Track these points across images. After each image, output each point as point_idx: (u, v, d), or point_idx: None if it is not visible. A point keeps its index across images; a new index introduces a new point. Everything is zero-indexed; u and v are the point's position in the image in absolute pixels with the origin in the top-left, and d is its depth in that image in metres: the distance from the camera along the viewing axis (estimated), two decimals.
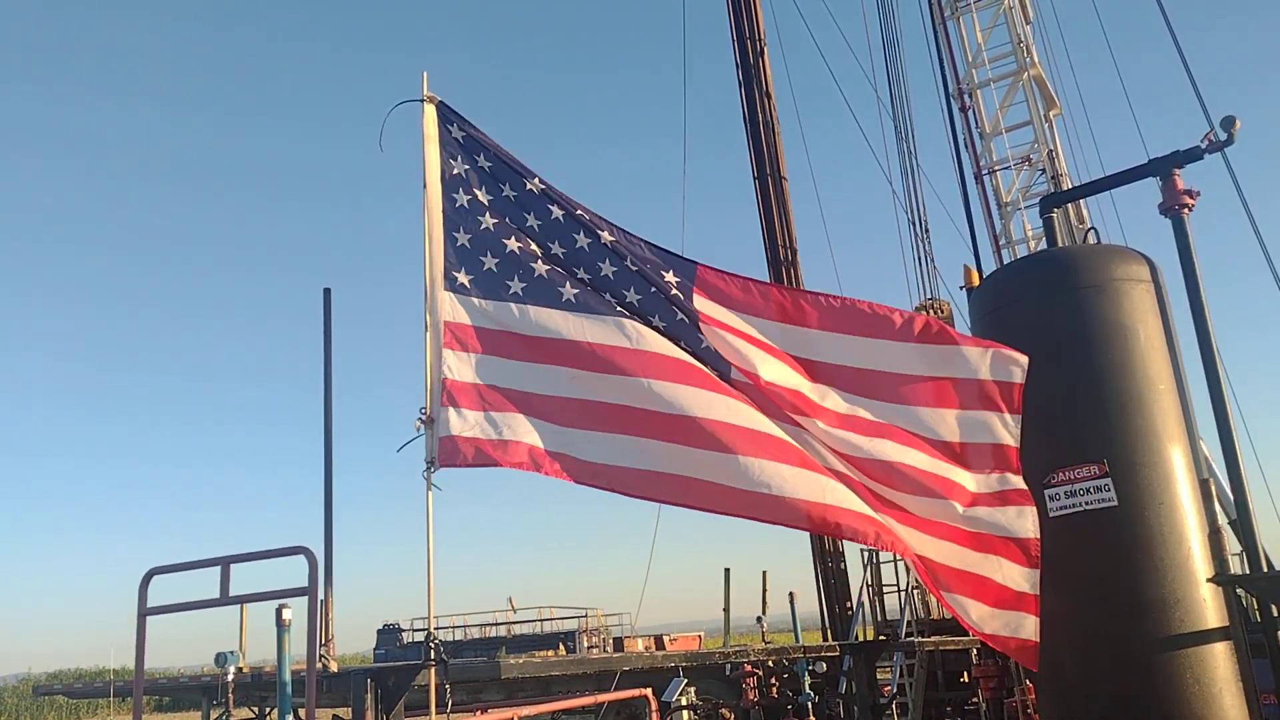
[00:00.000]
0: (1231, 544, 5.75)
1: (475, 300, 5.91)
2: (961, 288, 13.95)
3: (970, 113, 16.48)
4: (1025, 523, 5.76)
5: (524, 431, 5.71)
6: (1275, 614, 5.42)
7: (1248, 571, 5.72)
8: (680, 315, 6.21)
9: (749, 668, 12.50)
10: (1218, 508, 5.74)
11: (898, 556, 11.39)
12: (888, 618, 15.20)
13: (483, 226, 6.05)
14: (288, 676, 5.43)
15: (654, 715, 9.99)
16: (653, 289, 6.19)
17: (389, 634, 34.97)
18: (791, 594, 16.01)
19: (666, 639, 27.95)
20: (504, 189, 6.20)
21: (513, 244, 6.04)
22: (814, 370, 6.05)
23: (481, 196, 6.12)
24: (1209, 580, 5.48)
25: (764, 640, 15.27)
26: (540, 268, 5.99)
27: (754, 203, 17.13)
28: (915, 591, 15.88)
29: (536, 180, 6.30)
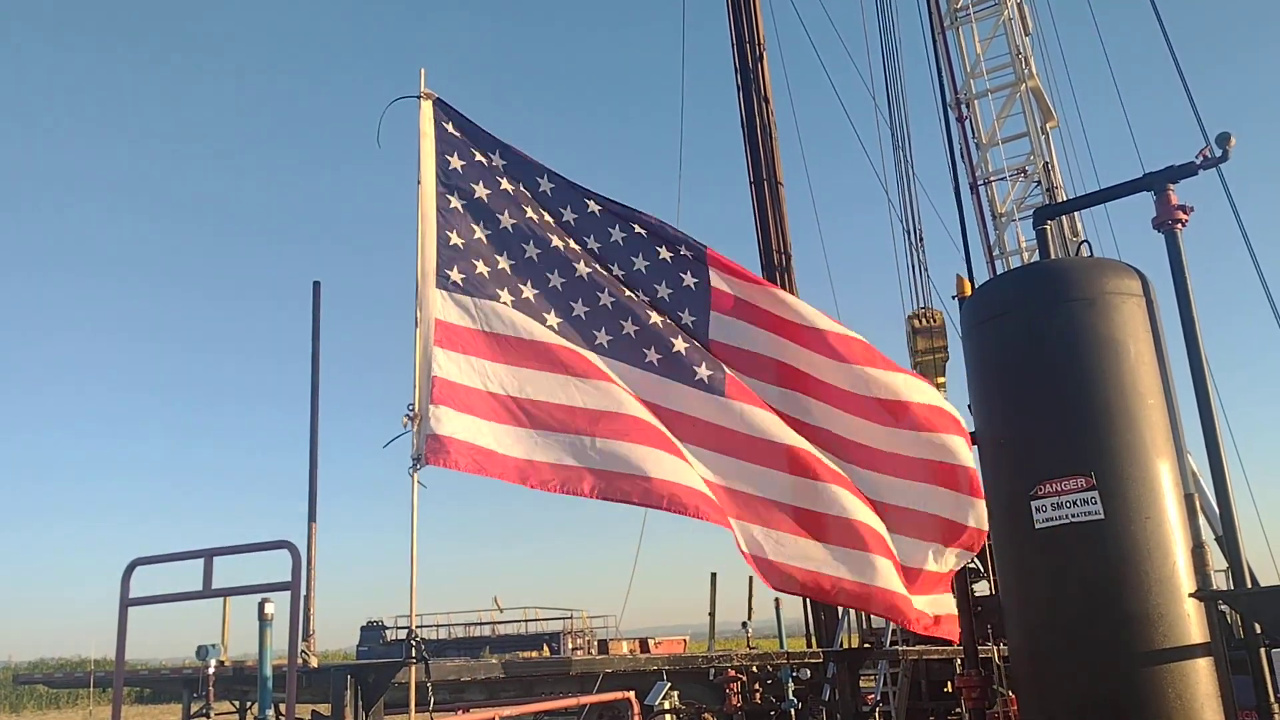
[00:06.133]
0: (1216, 560, 5.75)
1: (467, 299, 5.88)
2: (954, 297, 13.96)
3: (967, 123, 16.52)
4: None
5: (512, 440, 5.67)
6: (1258, 630, 5.43)
7: (1232, 587, 5.72)
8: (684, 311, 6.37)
9: (733, 673, 12.48)
10: (1203, 522, 5.75)
11: None
12: (873, 625, 15.21)
13: (475, 235, 6.04)
14: (269, 671, 5.40)
15: (636, 718, 9.96)
16: (654, 289, 6.33)
17: (372, 631, 34.87)
18: (777, 600, 16.02)
19: (651, 642, 27.89)
20: (501, 183, 6.18)
21: (503, 262, 6.05)
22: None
23: (480, 191, 6.10)
24: (1192, 595, 5.49)
25: (749, 646, 15.28)
26: (528, 291, 6.05)
27: (749, 207, 17.15)
28: None
29: (543, 177, 6.29)
